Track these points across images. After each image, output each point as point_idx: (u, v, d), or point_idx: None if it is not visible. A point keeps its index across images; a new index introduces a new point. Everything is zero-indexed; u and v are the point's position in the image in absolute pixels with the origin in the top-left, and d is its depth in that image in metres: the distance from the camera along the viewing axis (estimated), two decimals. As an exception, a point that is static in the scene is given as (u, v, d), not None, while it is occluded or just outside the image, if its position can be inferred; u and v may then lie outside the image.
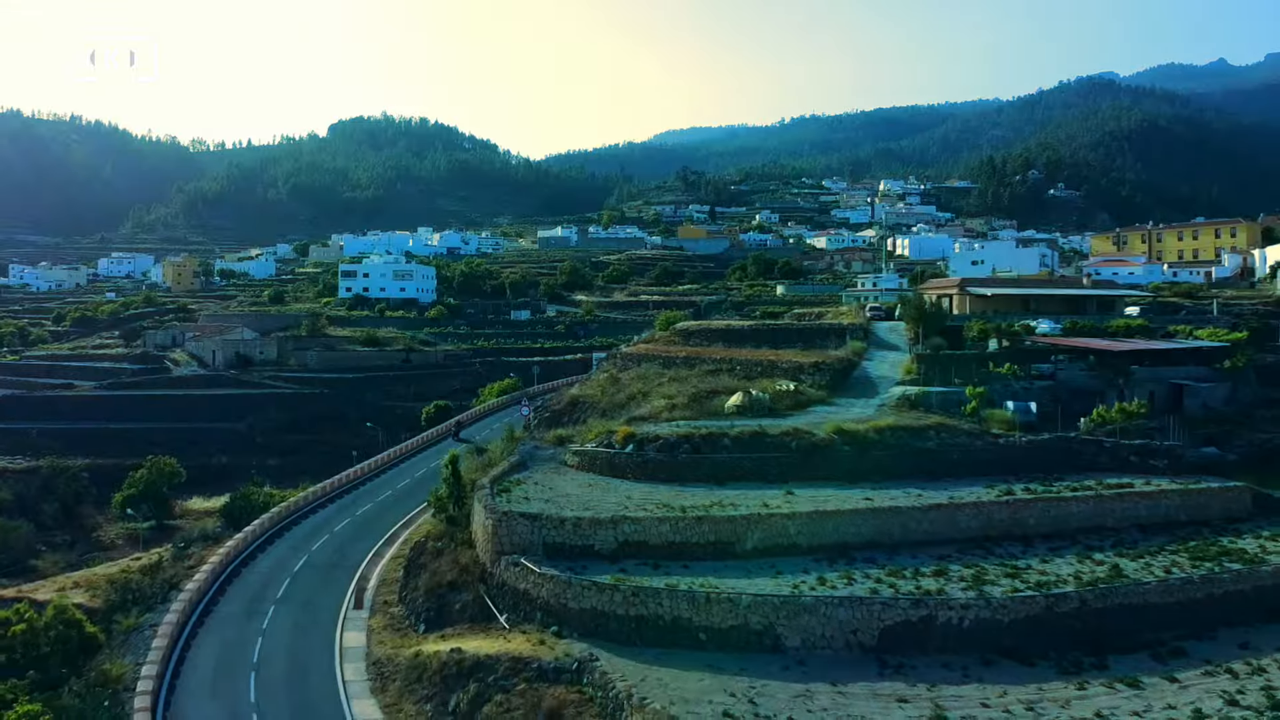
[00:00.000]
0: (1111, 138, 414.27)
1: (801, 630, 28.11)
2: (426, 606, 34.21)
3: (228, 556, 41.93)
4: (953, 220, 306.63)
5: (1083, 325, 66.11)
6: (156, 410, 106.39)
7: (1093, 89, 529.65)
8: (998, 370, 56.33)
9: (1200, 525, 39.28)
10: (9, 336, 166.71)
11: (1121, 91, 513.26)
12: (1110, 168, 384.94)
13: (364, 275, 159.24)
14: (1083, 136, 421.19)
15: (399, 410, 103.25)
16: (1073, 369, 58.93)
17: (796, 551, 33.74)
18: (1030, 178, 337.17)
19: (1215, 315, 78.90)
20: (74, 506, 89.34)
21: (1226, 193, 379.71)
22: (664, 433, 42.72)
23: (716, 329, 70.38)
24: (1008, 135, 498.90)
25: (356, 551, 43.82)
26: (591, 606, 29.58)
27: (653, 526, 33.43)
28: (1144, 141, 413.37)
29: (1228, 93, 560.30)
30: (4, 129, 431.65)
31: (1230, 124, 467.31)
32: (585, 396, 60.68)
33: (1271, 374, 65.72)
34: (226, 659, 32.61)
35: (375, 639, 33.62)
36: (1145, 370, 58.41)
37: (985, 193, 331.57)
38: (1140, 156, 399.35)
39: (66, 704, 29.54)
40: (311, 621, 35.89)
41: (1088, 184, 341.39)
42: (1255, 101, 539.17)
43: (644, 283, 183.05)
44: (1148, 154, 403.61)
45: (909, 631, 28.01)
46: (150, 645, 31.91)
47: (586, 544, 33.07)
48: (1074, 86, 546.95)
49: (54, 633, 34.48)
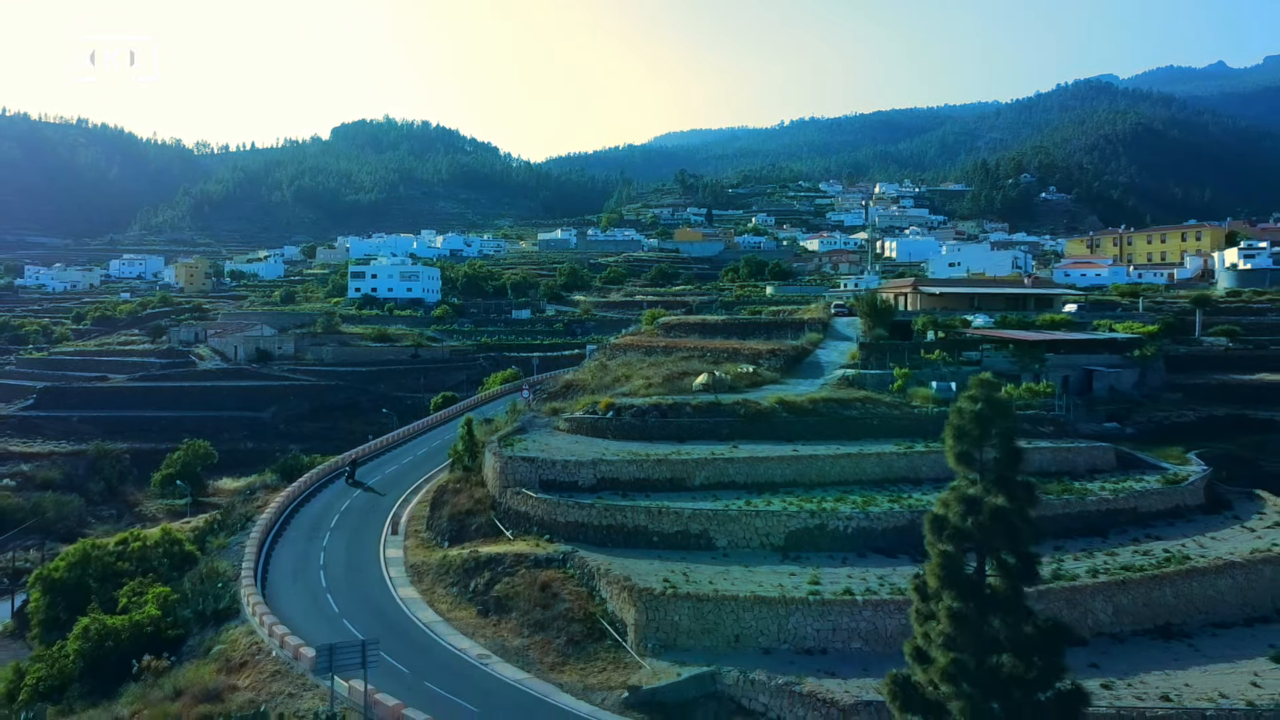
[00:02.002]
0: (1106, 141, 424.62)
1: (728, 534, 38.83)
2: (449, 529, 44.88)
3: (287, 499, 52.80)
4: (945, 223, 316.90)
5: (1011, 319, 76.71)
6: (185, 400, 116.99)
7: (1090, 92, 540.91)
8: (929, 357, 66.94)
9: (1066, 475, 49.80)
10: (34, 334, 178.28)
11: (1118, 95, 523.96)
12: (1104, 171, 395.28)
13: (372, 276, 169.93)
14: (1078, 140, 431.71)
15: (409, 400, 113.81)
16: (997, 356, 69.37)
17: (735, 487, 44.38)
18: (1022, 181, 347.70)
19: (1140, 312, 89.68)
20: (117, 485, 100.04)
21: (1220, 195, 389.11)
22: (638, 403, 53.48)
23: (693, 323, 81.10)
24: (1005, 138, 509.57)
25: (388, 499, 54.57)
26: (574, 520, 40.36)
27: (623, 467, 44.18)
28: (1138, 145, 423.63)
29: (1225, 95, 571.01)
30: (12, 132, 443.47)
31: (1226, 127, 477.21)
32: (578, 380, 71.25)
33: (1182, 363, 76.62)
34: (299, 562, 43.38)
35: (410, 552, 44.33)
36: (1059, 357, 68.89)
37: (979, 196, 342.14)
38: (1134, 160, 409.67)
39: (186, 589, 40.26)
40: (359, 542, 46.62)
41: (1079, 187, 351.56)
42: (1252, 104, 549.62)
43: (640, 284, 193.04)
44: (1142, 157, 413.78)
45: (807, 535, 38.68)
46: (243, 552, 42.65)
47: (571, 480, 43.83)
48: (1071, 89, 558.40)
49: (162, 549, 45.15)
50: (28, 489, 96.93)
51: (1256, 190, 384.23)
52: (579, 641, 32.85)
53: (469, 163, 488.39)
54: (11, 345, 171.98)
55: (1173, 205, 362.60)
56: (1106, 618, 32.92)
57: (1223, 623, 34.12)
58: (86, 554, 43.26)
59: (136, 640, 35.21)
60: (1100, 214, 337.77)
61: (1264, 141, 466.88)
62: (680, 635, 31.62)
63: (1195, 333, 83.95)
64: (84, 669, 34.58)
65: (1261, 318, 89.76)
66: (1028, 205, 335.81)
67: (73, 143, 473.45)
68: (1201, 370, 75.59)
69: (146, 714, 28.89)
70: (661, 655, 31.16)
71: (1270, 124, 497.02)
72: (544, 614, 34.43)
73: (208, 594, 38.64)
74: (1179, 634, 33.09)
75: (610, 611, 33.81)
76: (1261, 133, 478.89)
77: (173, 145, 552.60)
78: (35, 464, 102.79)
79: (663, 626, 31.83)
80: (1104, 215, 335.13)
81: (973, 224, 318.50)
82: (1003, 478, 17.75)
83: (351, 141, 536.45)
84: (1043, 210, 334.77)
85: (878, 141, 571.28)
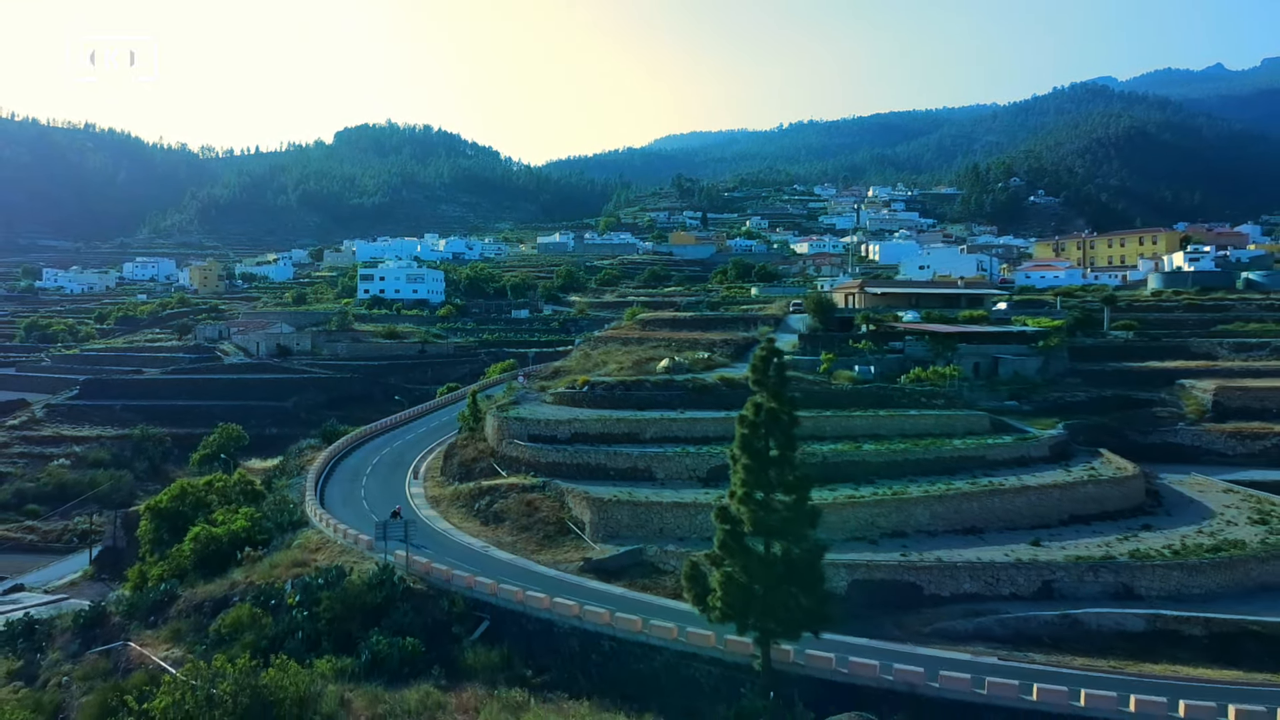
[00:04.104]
0: (1098, 144, 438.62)
1: (665, 469, 53.43)
2: (458, 472, 59.49)
3: (329, 455, 67.69)
4: (934, 226, 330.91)
5: (935, 315, 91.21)
6: (214, 391, 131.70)
7: (1085, 95, 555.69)
8: (857, 346, 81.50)
9: (947, 436, 64.08)
10: (61, 333, 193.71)
11: (1114, 98, 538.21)
12: (1095, 174, 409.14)
13: (380, 278, 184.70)
14: (1070, 143, 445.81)
15: (417, 391, 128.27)
16: (917, 345, 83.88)
17: (678, 440, 58.86)
18: (1011, 184, 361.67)
19: (1058, 309, 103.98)
20: (160, 464, 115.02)
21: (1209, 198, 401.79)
22: (609, 380, 68.11)
23: (665, 318, 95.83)
24: (1002, 141, 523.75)
25: (410, 457, 69.27)
26: (552, 460, 55.03)
27: (592, 425, 58.85)
28: (1130, 148, 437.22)
29: (1222, 98, 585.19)
30: (22, 137, 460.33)
31: (1220, 130, 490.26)
32: (565, 366, 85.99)
33: (1087, 352, 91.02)
34: (346, 495, 58.08)
35: (429, 488, 59.01)
36: (971, 347, 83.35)
37: (969, 199, 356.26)
38: (1126, 163, 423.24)
39: (266, 510, 54.88)
40: (390, 482, 61.34)
41: (1068, 190, 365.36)
42: (1248, 107, 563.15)
43: (633, 285, 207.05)
44: (1134, 160, 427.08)
45: (724, 470, 53.00)
46: (304, 486, 57.38)
47: (552, 435, 58.49)
48: (1067, 92, 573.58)
49: (239, 487, 59.71)
50: (80, 467, 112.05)
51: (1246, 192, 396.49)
52: (552, 536, 47.47)
53: (470, 166, 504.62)
54: (41, 343, 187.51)
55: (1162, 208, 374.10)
56: (925, 520, 47.40)
57: (1014, 526, 48.50)
58: (184, 489, 57.81)
59: (234, 543, 49.60)
60: (1088, 217, 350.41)
61: (1257, 144, 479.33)
62: (621, 529, 46.20)
63: (1104, 327, 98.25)
64: (196, 562, 48.99)
65: (1166, 314, 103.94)
66: (1017, 208, 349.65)
67: (81, 147, 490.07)
68: (1102, 359, 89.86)
69: (255, 575, 43.41)
70: (608, 541, 45.74)
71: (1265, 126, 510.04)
72: (528, 520, 49.06)
73: (282, 512, 53.22)
74: (977, 532, 47.51)
75: (574, 516, 48.45)
76: (1255, 135, 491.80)
77: (179, 149, 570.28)
78: (85, 446, 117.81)
79: (609, 523, 46.43)
80: (1092, 218, 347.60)
81: (961, 227, 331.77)
82: (775, 393, 32.24)
83: (354, 145, 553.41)
84: (1031, 213, 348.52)
85: (875, 144, 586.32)
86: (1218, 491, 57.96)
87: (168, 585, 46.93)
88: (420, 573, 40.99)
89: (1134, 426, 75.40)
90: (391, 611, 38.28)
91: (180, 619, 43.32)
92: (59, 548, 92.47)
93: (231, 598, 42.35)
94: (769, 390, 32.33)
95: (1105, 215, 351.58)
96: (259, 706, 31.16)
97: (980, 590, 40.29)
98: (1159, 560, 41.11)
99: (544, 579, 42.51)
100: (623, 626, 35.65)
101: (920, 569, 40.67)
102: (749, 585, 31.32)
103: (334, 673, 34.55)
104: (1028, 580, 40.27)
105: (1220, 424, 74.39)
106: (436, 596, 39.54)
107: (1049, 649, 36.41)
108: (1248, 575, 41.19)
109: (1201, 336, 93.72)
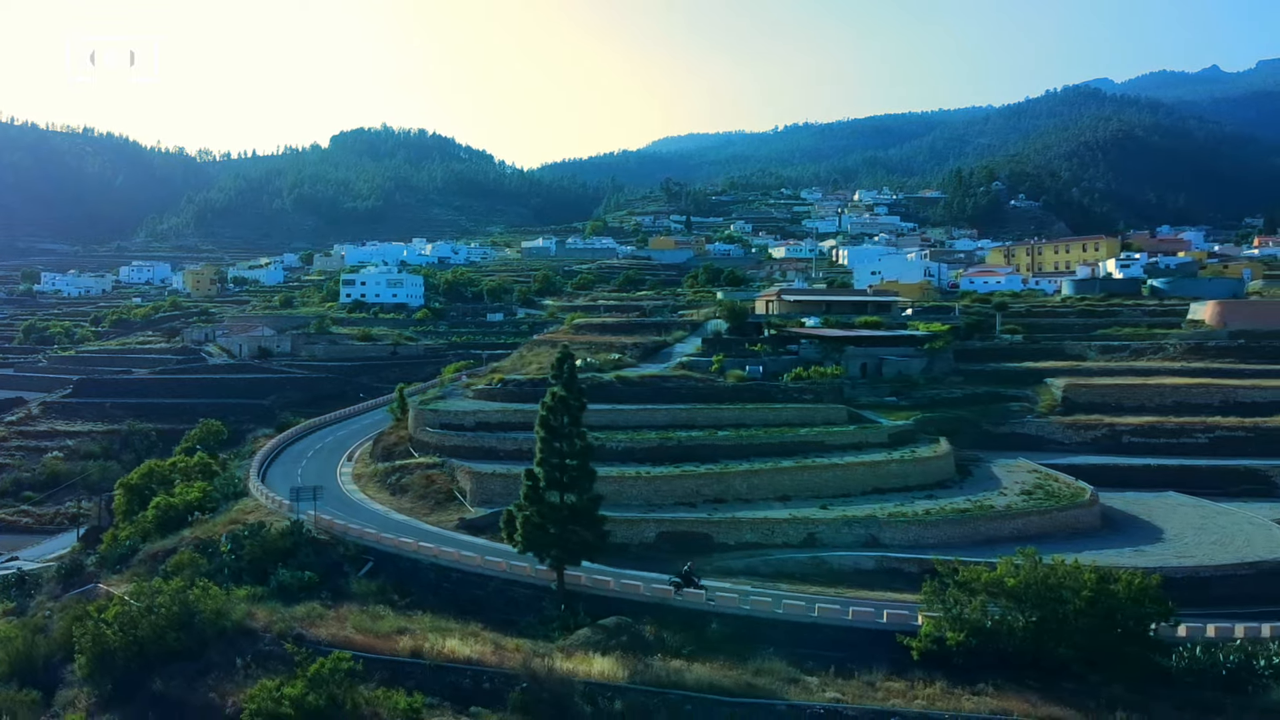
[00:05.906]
0: (1086, 147, 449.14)
1: (545, 451, 65.44)
2: (381, 454, 71.71)
3: (277, 443, 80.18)
4: (914, 230, 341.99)
5: (833, 321, 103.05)
6: (199, 390, 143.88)
7: (1078, 97, 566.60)
8: (753, 348, 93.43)
9: (807, 424, 75.80)
10: (59, 335, 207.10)
11: (1106, 100, 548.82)
12: (1081, 177, 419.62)
13: (361, 284, 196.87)
14: (1058, 146, 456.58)
15: (386, 390, 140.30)
16: (811, 347, 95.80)
17: (567, 429, 70.82)
18: (994, 189, 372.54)
19: (956, 314, 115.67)
20: (145, 456, 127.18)
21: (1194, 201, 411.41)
22: (520, 378, 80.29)
23: (595, 324, 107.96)
24: (994, 143, 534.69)
25: (351, 444, 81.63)
26: (455, 444, 67.23)
27: (493, 415, 71.06)
28: (1118, 151, 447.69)
29: (1216, 100, 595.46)
30: (22, 141, 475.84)
31: (1211, 132, 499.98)
32: (500, 366, 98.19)
33: (975, 354, 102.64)
34: (286, 474, 70.39)
35: (355, 468, 71.36)
36: (859, 349, 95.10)
37: (951, 203, 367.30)
38: (1112, 166, 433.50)
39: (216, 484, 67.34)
40: (326, 465, 73.75)
41: (1049, 194, 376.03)
42: (1242, 109, 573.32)
43: (608, 290, 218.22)
44: (1121, 163, 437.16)
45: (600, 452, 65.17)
46: (250, 468, 69.83)
47: (459, 424, 70.70)
48: (1060, 95, 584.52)
49: (198, 466, 72.27)
50: (74, 458, 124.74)
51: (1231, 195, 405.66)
52: (441, 503, 59.65)
53: (464, 170, 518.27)
54: (39, 345, 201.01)
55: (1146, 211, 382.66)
56: (744, 490, 59.41)
57: (819, 495, 60.33)
58: (151, 469, 70.23)
59: (187, 509, 61.86)
60: (1069, 220, 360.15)
61: (1248, 146, 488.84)
62: (494, 496, 58.26)
63: (996, 330, 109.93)
64: (156, 525, 61.24)
65: (1059, 319, 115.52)
66: (998, 212, 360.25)
67: (80, 151, 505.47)
68: (987, 360, 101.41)
69: (200, 532, 55.74)
70: (483, 506, 57.88)
71: (1257, 128, 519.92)
72: (425, 490, 61.28)
73: (229, 485, 65.64)
74: (786, 499, 59.42)
75: (460, 486, 60.64)
76: (1246, 138, 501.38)
77: (176, 153, 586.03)
78: (78, 440, 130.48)
79: (484, 491, 58.58)
80: (1072, 221, 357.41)
81: (942, 231, 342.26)
82: (566, 385, 44.37)
83: (350, 149, 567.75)
84: (1012, 217, 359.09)
85: (869, 147, 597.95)
86: (1025, 472, 69.58)
87: (132, 542, 59.26)
88: (325, 527, 53.19)
89: (989, 419, 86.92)
90: (298, 554, 50.43)
91: (139, 565, 55.55)
92: (51, 529, 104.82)
93: (179, 548, 54.61)
94: (562, 383, 44.50)
95: (1086, 219, 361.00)
96: (186, 614, 43.48)
97: (759, 540, 52.32)
98: (905, 519, 53.09)
99: (428, 534, 54.63)
100: (467, 562, 47.79)
101: (713, 524, 52.76)
102: (544, 525, 43.45)
103: (248, 596, 46.68)
104: (796, 532, 52.30)
105: (1064, 416, 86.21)
106: (334, 544, 51.72)
107: (798, 581, 48.39)
108: (976, 530, 53.18)
109: (1078, 339, 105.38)
